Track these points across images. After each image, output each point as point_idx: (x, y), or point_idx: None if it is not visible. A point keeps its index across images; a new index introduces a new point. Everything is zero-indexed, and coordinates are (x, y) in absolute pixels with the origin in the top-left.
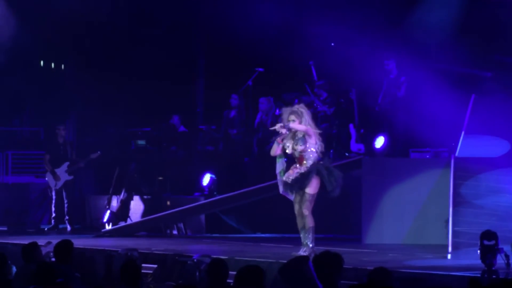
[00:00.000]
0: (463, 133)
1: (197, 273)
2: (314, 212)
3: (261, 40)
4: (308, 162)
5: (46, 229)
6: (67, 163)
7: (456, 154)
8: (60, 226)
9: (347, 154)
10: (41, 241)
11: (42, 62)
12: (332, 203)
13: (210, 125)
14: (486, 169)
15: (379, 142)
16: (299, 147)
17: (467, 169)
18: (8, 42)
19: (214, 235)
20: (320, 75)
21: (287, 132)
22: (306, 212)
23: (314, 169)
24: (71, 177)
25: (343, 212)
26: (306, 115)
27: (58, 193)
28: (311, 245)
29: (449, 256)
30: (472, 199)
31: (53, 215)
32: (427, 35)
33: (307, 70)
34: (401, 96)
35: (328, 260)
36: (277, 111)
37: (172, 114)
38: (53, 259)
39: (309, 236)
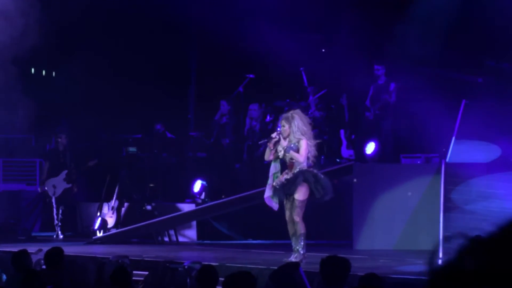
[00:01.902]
0: (453, 138)
1: (188, 280)
2: (305, 218)
3: (251, 46)
4: (296, 169)
5: (54, 236)
6: (65, 171)
7: (447, 159)
8: (52, 233)
9: (338, 160)
10: (32, 248)
11: (33, 70)
12: (323, 209)
13: (201, 132)
14: (477, 175)
15: (370, 148)
16: (287, 154)
17: (457, 175)
18: None
19: (205, 241)
20: (310, 81)
21: (277, 137)
22: (297, 218)
23: (300, 176)
24: (69, 185)
25: (334, 218)
26: (298, 120)
27: (58, 201)
28: (302, 252)
29: (440, 262)
30: (463, 204)
31: (55, 222)
32: (417, 41)
33: (298, 76)
34: (393, 102)
35: (336, 264)
36: (268, 117)
37: (166, 121)
38: (44, 267)
39: (301, 242)
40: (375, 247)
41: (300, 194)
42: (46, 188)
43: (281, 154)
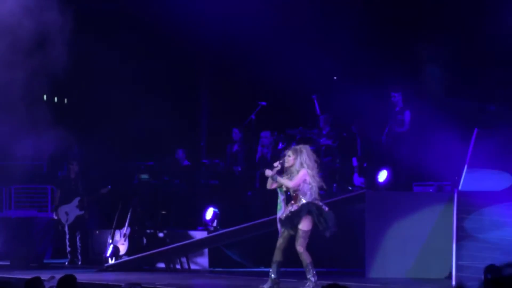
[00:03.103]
0: (466, 166)
1: None
2: (318, 246)
3: (264, 74)
4: (301, 201)
5: (66, 263)
6: (78, 198)
7: (459, 188)
8: (64, 260)
9: (350, 188)
10: (44, 275)
11: (45, 96)
12: (335, 237)
13: (213, 159)
14: (490, 203)
15: (382, 176)
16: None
17: (470, 203)
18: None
19: (217, 269)
20: (323, 108)
21: (279, 166)
22: (301, 249)
23: (305, 208)
24: (82, 212)
25: (347, 246)
26: (305, 155)
27: (71, 228)
28: (313, 279)
29: None
30: (476, 233)
31: (68, 249)
32: (430, 70)
33: (310, 104)
34: (406, 130)
35: None
36: (280, 145)
37: (176, 148)
38: None
39: (310, 271)
40: (387, 275)
41: (304, 224)
42: (59, 214)
43: (284, 187)
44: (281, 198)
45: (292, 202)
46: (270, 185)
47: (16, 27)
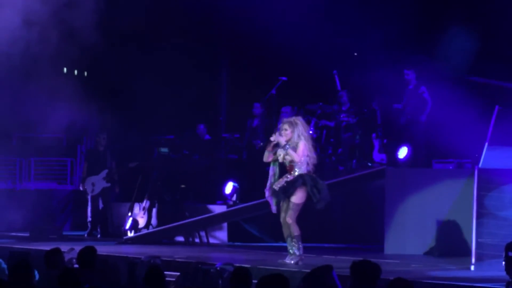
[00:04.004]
0: (486, 144)
1: (220, 282)
2: (337, 222)
3: (285, 49)
4: (296, 172)
5: (85, 235)
6: (105, 171)
7: (480, 165)
8: (83, 232)
9: (370, 164)
10: (64, 247)
11: (65, 69)
12: (355, 213)
13: (233, 134)
14: (510, 181)
15: (402, 152)
16: (289, 157)
17: (490, 181)
18: (31, 49)
19: (236, 243)
20: (343, 84)
21: (276, 140)
22: (290, 220)
23: (299, 180)
24: (108, 185)
25: (366, 222)
26: (301, 126)
27: (94, 199)
28: (298, 253)
29: (472, 268)
30: (496, 210)
31: (89, 219)
32: (451, 47)
33: (331, 79)
34: (427, 104)
35: (366, 269)
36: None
37: (197, 123)
38: (76, 266)
39: (296, 244)
40: (406, 252)
41: (297, 197)
42: (85, 185)
43: (280, 157)
44: (272, 171)
45: (287, 174)
46: (267, 157)
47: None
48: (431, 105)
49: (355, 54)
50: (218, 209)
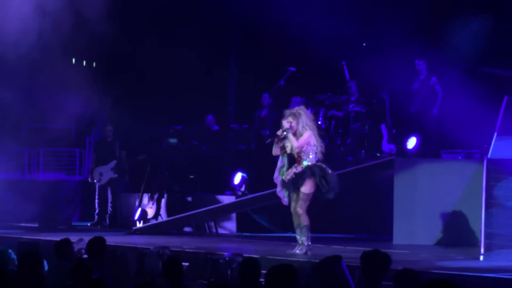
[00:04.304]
0: (495, 134)
1: (229, 272)
2: (346, 212)
3: (293, 40)
4: (304, 162)
5: (89, 224)
6: (114, 161)
7: (489, 155)
8: (91, 223)
9: (378, 154)
10: (73, 237)
11: (74, 60)
12: (363, 203)
13: (241, 124)
14: None
15: (411, 142)
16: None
17: (499, 171)
18: (39, 40)
19: (244, 234)
20: (352, 75)
21: (283, 134)
22: (300, 210)
23: (308, 170)
24: (115, 175)
25: (375, 212)
26: (304, 116)
27: (102, 189)
28: (306, 243)
29: (481, 258)
30: (505, 200)
31: (96, 210)
32: (460, 38)
33: (339, 70)
34: (438, 95)
35: (377, 259)
36: (309, 110)
37: (206, 113)
38: (85, 256)
39: (305, 234)
40: (415, 242)
41: (306, 187)
42: (93, 174)
43: (288, 149)
44: (281, 163)
45: (296, 165)
46: (275, 151)
47: None
48: (442, 96)
49: (364, 44)
50: (226, 199)
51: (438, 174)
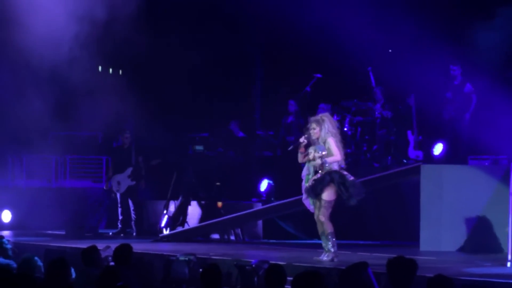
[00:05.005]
0: None
1: (256, 279)
2: (373, 219)
3: (319, 46)
4: (325, 169)
5: (111, 233)
6: (130, 169)
7: None
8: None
9: (405, 160)
10: (100, 245)
11: (100, 68)
12: (389, 210)
13: (267, 131)
14: None
15: (438, 149)
16: (318, 154)
17: None
18: (67, 46)
19: (271, 241)
20: (378, 81)
21: (305, 141)
22: (322, 218)
23: (327, 177)
24: (133, 183)
25: (401, 219)
26: (328, 123)
27: (123, 198)
28: (332, 250)
29: (509, 264)
30: None
31: (120, 218)
32: (490, 43)
33: (365, 76)
34: (473, 103)
35: (403, 265)
36: (335, 117)
37: (230, 120)
38: (112, 263)
39: (330, 241)
40: (441, 249)
41: (327, 194)
42: (112, 183)
43: (311, 155)
44: (306, 171)
45: (319, 171)
46: (300, 158)
47: None
48: (475, 102)
49: (390, 50)
50: (253, 206)
51: (464, 180)
